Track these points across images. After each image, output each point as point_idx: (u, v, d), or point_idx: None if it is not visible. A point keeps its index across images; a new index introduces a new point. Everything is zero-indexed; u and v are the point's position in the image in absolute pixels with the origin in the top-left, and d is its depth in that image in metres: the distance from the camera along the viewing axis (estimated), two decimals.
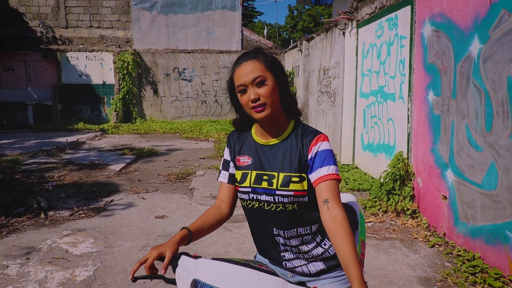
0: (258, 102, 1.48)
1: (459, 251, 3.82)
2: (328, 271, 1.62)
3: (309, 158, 1.52)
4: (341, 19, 7.38)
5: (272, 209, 1.55)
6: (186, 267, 1.28)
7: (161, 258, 1.37)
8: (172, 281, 1.31)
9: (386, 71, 5.91)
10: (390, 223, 4.81)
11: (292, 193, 1.52)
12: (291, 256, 1.62)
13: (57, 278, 3.45)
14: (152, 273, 1.36)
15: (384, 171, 5.32)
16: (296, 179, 1.52)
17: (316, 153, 1.51)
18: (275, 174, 1.55)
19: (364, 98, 6.87)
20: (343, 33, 7.44)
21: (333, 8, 13.46)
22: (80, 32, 15.69)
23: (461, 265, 3.58)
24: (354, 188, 6.16)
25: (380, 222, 4.84)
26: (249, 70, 1.49)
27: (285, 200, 1.53)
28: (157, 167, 8.03)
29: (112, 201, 5.69)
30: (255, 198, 1.58)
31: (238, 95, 1.53)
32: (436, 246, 4.14)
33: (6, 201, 5.50)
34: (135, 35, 15.73)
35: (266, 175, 1.56)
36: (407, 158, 5.15)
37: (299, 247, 1.60)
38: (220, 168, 1.77)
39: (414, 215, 4.82)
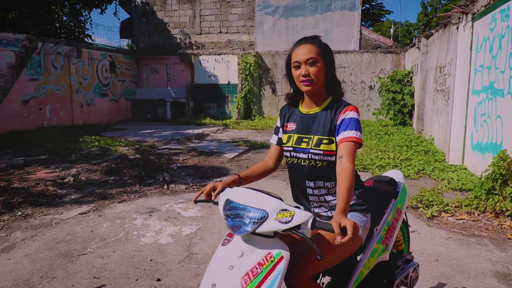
0: (307, 78, 1.88)
1: None
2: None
3: (337, 124, 1.89)
4: (455, 12, 7.07)
5: (306, 165, 1.98)
6: (225, 193, 1.81)
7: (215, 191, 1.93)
8: (217, 203, 1.85)
9: (496, 66, 5.56)
10: (485, 222, 4.61)
11: (322, 152, 1.93)
12: (317, 205, 2.02)
13: (168, 230, 4.33)
14: (207, 199, 1.92)
15: (486, 170, 5.07)
16: (326, 141, 1.93)
17: (342, 120, 1.88)
18: (311, 136, 1.97)
19: (476, 95, 6.50)
20: (457, 28, 7.11)
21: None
22: (211, 37, 17.54)
23: None
24: (456, 188, 5.91)
25: (473, 220, 4.67)
26: (305, 51, 1.88)
27: (316, 157, 1.94)
28: (265, 157, 8.75)
29: (220, 180, 6.56)
30: (294, 155, 2.03)
31: (293, 69, 1.94)
32: None
33: (141, 174, 6.80)
34: (258, 38, 16.93)
35: (305, 137, 2.00)
36: None
37: (324, 197, 1.99)
38: (273, 133, 2.25)
39: None
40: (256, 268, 1.54)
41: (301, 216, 1.52)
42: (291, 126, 2.07)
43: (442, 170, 6.90)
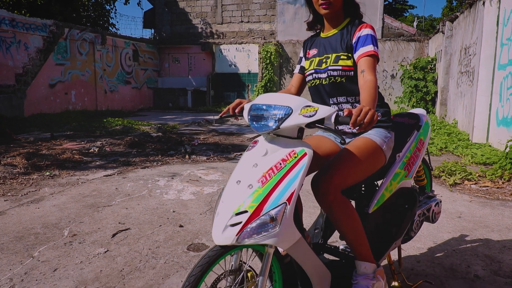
0: (325, 1, 1.92)
1: None
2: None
3: (353, 41, 1.93)
4: None
5: (327, 83, 2.01)
6: (249, 103, 1.85)
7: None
8: (242, 116, 1.90)
9: None
10: (510, 189, 4.53)
11: (340, 67, 1.96)
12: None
13: (190, 190, 4.42)
14: (234, 113, 1.98)
15: (511, 139, 4.97)
16: (344, 57, 1.96)
17: (359, 37, 1.91)
18: (330, 55, 2.01)
19: (502, 70, 6.35)
20: (483, 3, 6.95)
21: None
22: (232, 27, 17.62)
23: None
24: (480, 162, 5.80)
25: (497, 187, 4.59)
26: None
27: (335, 73, 1.97)
28: None
29: (241, 154, 6.63)
30: (316, 77, 2.06)
31: None
32: None
33: (163, 148, 6.93)
34: (279, 27, 16.91)
35: (324, 58, 2.03)
36: None
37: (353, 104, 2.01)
38: (297, 64, 2.29)
39: None
40: (280, 164, 1.58)
41: (325, 110, 1.55)
42: (313, 52, 2.12)
43: (465, 148, 6.77)
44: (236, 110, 1.97)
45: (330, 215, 1.80)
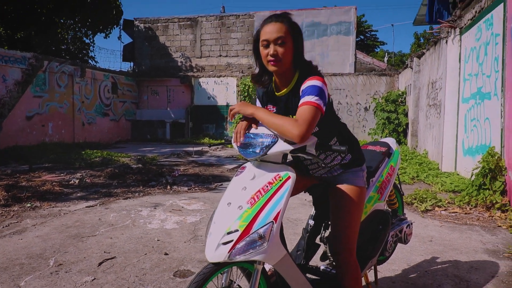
0: (275, 58, 1.80)
1: None
2: (344, 171, 2.06)
3: (301, 95, 1.80)
4: (444, 27, 7.51)
5: None
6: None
7: None
8: (230, 142, 2.08)
9: (483, 72, 5.92)
10: (477, 215, 4.82)
11: None
12: (315, 166, 2.10)
13: (174, 219, 4.50)
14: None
15: (476, 167, 5.32)
16: None
17: (302, 90, 1.80)
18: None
19: (465, 103, 6.83)
20: (446, 42, 7.53)
21: None
22: (211, 61, 18.08)
23: None
24: (449, 190, 6.13)
25: (465, 213, 4.87)
26: (275, 30, 1.79)
27: None
28: None
29: (221, 184, 6.76)
30: None
31: (261, 48, 1.84)
32: None
33: (144, 179, 6.98)
34: None
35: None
36: (500, 153, 5.09)
37: (324, 161, 2.07)
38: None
39: (504, 208, 4.75)
40: (267, 186, 1.76)
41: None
42: (271, 109, 2.03)
43: (435, 176, 7.13)
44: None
45: (338, 270, 2.00)
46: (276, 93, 1.97)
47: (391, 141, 2.76)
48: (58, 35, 15.67)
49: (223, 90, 17.66)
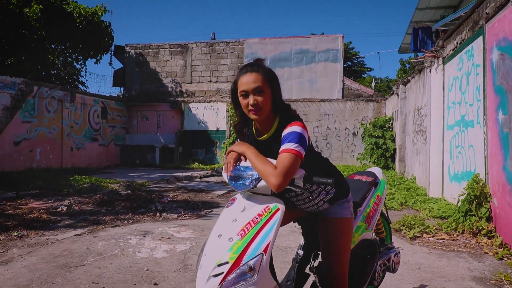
0: (255, 107, 1.87)
1: None
2: (331, 204, 2.12)
3: (282, 141, 1.85)
4: (428, 57, 7.78)
5: None
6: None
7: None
8: (220, 173, 2.13)
9: (466, 100, 6.12)
10: (464, 241, 4.88)
11: None
12: (302, 202, 2.15)
13: (163, 248, 4.47)
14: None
15: (462, 194, 5.42)
16: None
17: (283, 137, 1.85)
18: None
19: (450, 130, 7.01)
20: (430, 70, 7.78)
21: None
22: (201, 86, 18.27)
23: None
24: (437, 216, 6.21)
25: (453, 240, 4.94)
26: (252, 80, 1.86)
27: None
28: None
29: (211, 211, 6.75)
30: None
31: (240, 98, 1.92)
32: (505, 258, 4.16)
33: (133, 206, 6.94)
34: None
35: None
36: (484, 180, 5.21)
37: (303, 200, 2.11)
38: None
39: (490, 235, 4.82)
40: (256, 218, 1.80)
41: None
42: None
43: (423, 202, 7.22)
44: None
45: None
46: (257, 138, 2.03)
47: (377, 171, 2.84)
48: (49, 61, 15.72)
49: (213, 115, 17.79)
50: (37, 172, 12.00)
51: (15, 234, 4.90)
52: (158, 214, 6.29)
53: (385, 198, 2.84)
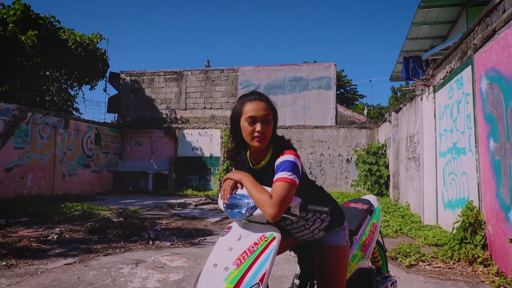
0: (262, 134, 1.90)
1: None
2: (327, 233, 2.14)
3: (276, 170, 1.88)
4: (419, 85, 7.93)
5: None
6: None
7: None
8: (216, 202, 2.12)
9: (457, 128, 6.21)
10: (460, 269, 4.84)
11: None
12: (297, 230, 2.16)
13: (156, 277, 4.38)
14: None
15: (457, 221, 5.42)
16: None
17: (277, 165, 1.88)
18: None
19: (443, 157, 7.07)
20: (421, 98, 7.92)
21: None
22: (196, 112, 18.38)
23: None
24: (432, 243, 6.17)
25: (449, 268, 4.90)
26: (261, 108, 1.92)
27: None
28: None
29: (205, 239, 6.65)
30: None
31: (245, 124, 1.92)
32: (502, 287, 4.12)
33: (125, 233, 6.82)
34: None
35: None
36: (478, 207, 5.23)
37: (299, 227, 2.11)
38: None
39: (486, 263, 4.79)
40: (252, 247, 1.79)
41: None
42: None
43: (418, 229, 7.19)
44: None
45: None
46: (251, 166, 2.05)
47: (372, 198, 2.84)
48: (44, 87, 15.78)
49: (207, 142, 17.82)
50: (28, 199, 11.80)
51: (4, 263, 4.77)
52: (150, 242, 6.19)
53: (380, 228, 2.84)
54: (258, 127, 1.89)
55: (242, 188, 1.94)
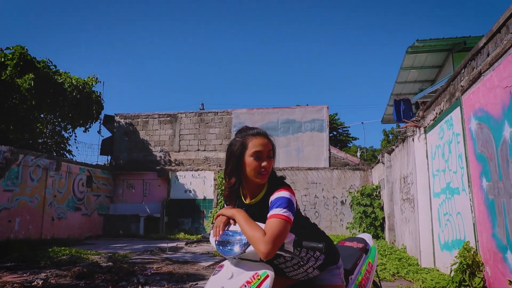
0: (266, 170, 1.92)
1: None
2: (321, 271, 2.11)
3: (270, 206, 1.87)
4: (410, 126, 8.05)
5: None
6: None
7: None
8: (208, 239, 2.06)
9: (450, 168, 6.24)
10: None
11: None
12: (291, 269, 2.11)
13: None
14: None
15: (454, 263, 5.31)
16: None
17: (271, 201, 1.87)
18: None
19: (437, 197, 7.05)
20: (413, 139, 8.01)
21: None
22: (189, 155, 18.38)
23: None
24: (431, 287, 6.00)
25: None
26: (266, 144, 1.95)
27: None
28: None
29: (196, 284, 6.42)
30: None
31: (250, 159, 1.91)
32: None
33: (114, 278, 6.57)
34: None
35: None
36: (475, 248, 5.14)
37: (293, 266, 2.08)
38: None
39: None
40: (245, 286, 1.72)
41: None
42: None
43: (416, 272, 7.02)
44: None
45: None
46: (244, 201, 2.03)
47: (367, 237, 2.79)
48: (37, 129, 15.79)
49: (200, 184, 17.67)
50: (15, 243, 11.42)
51: None
52: (140, 287, 5.95)
53: (377, 269, 2.76)
54: (264, 162, 1.90)
55: (235, 224, 1.90)
